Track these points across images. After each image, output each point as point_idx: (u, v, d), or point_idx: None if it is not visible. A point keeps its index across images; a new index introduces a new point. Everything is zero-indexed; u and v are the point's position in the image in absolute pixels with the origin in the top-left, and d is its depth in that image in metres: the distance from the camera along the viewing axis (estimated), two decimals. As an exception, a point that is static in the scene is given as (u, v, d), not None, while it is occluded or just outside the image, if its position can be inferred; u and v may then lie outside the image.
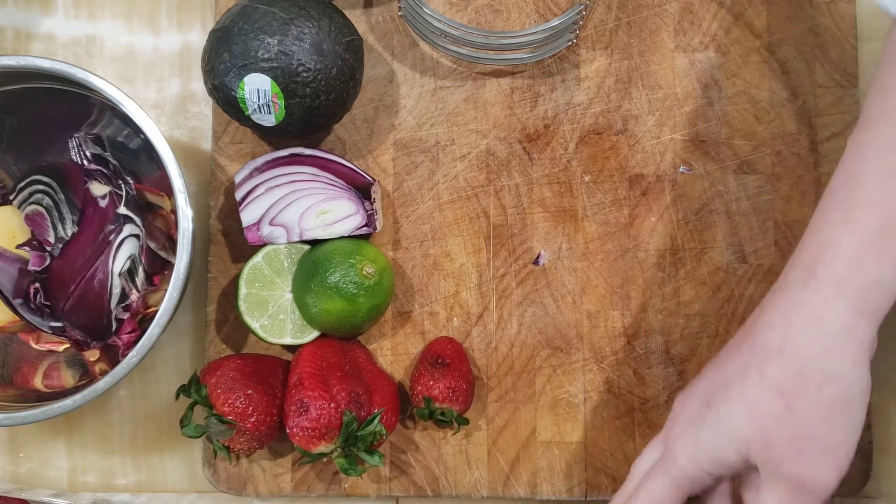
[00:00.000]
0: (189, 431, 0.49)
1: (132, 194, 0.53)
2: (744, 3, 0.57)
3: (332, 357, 0.52)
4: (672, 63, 0.57)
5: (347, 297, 0.51)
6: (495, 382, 0.55)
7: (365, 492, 0.55)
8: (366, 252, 0.52)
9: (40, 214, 0.54)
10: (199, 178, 0.59)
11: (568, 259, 0.56)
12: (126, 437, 0.58)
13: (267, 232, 0.54)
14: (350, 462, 0.49)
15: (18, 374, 0.54)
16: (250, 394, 0.49)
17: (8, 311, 0.53)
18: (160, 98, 0.60)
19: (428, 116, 0.57)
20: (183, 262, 0.48)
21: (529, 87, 0.57)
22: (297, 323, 0.54)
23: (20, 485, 0.58)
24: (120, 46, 0.60)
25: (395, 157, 0.57)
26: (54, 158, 0.55)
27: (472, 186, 0.56)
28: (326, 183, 0.54)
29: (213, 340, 0.56)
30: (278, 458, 0.55)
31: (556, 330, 0.55)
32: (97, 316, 0.52)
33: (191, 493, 0.58)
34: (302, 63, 0.48)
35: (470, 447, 0.55)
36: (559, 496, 0.54)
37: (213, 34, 0.50)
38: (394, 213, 0.56)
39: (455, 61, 0.57)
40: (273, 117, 0.50)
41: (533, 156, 0.56)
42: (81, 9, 0.60)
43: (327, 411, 0.48)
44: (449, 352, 0.53)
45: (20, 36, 0.60)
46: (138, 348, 0.48)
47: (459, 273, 0.56)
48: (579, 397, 0.55)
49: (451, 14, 0.57)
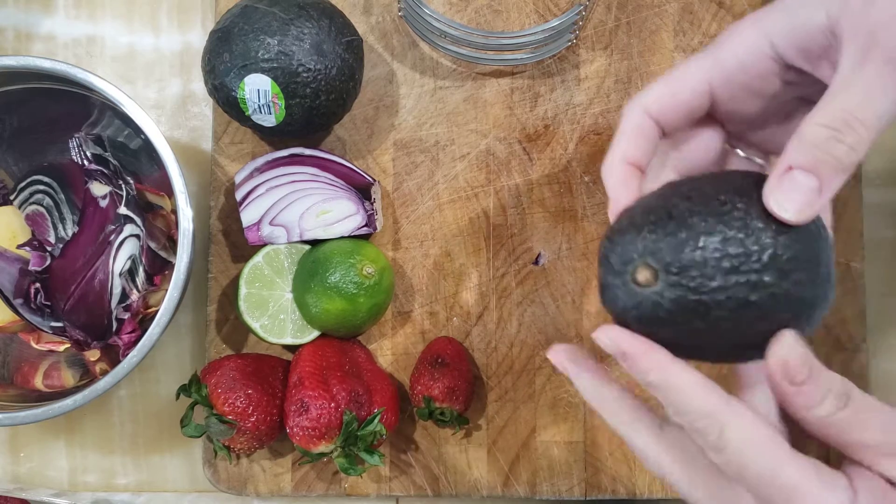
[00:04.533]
0: (189, 431, 0.49)
1: (132, 194, 0.53)
2: (743, 3, 0.57)
3: (333, 357, 0.52)
4: (672, 63, 0.57)
5: (347, 297, 0.51)
6: (495, 382, 0.55)
7: (365, 491, 0.55)
8: (366, 252, 0.52)
9: (41, 214, 0.54)
10: (199, 179, 0.59)
11: (568, 259, 0.56)
12: (126, 437, 0.58)
13: (267, 232, 0.54)
14: (350, 462, 0.49)
15: (19, 373, 0.54)
16: (250, 393, 0.49)
17: (8, 311, 0.53)
18: (160, 98, 0.60)
19: (428, 116, 0.57)
20: (183, 262, 0.48)
21: (529, 88, 0.57)
22: (297, 323, 0.54)
23: (21, 484, 0.58)
24: (120, 47, 0.60)
25: (395, 157, 0.57)
26: (55, 158, 0.55)
27: (472, 186, 0.56)
28: (326, 183, 0.54)
29: (214, 340, 0.56)
30: (278, 457, 0.55)
31: (556, 330, 0.55)
32: (98, 316, 0.52)
33: (191, 493, 0.58)
34: (302, 63, 0.49)
35: (470, 447, 0.55)
36: (559, 496, 0.54)
37: (213, 34, 0.50)
38: (394, 213, 0.56)
39: (455, 61, 0.57)
40: (273, 117, 0.50)
41: (533, 156, 0.57)
42: (82, 9, 0.60)
43: (327, 411, 0.48)
44: (449, 352, 0.53)
45: (20, 36, 0.60)
46: (139, 348, 0.48)
47: (459, 273, 0.56)
48: (579, 397, 0.55)
49: (450, 14, 0.57)
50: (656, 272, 0.30)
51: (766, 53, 0.34)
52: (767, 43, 0.34)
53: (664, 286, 0.30)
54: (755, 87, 0.35)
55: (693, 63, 0.36)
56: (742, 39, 0.35)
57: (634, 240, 0.31)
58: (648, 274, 0.30)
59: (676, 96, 0.35)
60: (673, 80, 0.36)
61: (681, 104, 0.35)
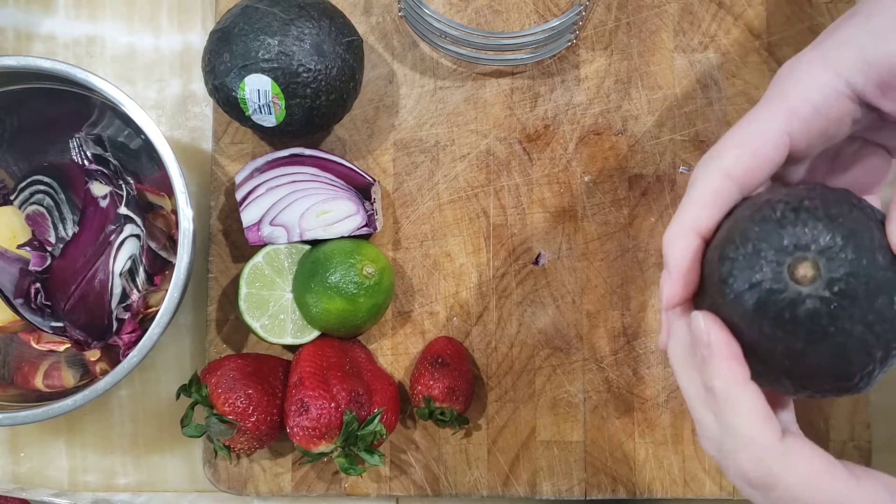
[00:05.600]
0: (189, 431, 0.49)
1: (133, 194, 0.53)
2: (743, 3, 0.57)
3: (333, 357, 0.52)
4: (671, 63, 0.57)
5: (347, 296, 0.51)
6: (495, 382, 0.55)
7: (365, 491, 0.55)
8: (366, 252, 0.52)
9: (41, 214, 0.54)
10: (199, 179, 0.59)
11: (568, 259, 0.56)
12: (126, 437, 0.58)
13: (267, 232, 0.54)
14: (350, 461, 0.49)
15: (19, 373, 0.54)
16: (251, 393, 0.49)
17: (9, 311, 0.53)
18: (161, 98, 0.60)
19: (428, 117, 0.57)
20: (183, 262, 0.48)
21: (529, 88, 0.57)
22: (297, 323, 0.54)
23: (21, 484, 0.58)
24: (120, 47, 0.60)
25: (395, 158, 0.57)
26: (55, 159, 0.55)
27: (472, 186, 0.57)
28: (327, 183, 0.54)
29: (214, 340, 0.56)
30: (278, 457, 0.55)
31: (555, 330, 0.55)
32: (98, 316, 0.53)
33: (191, 493, 0.58)
34: (302, 64, 0.49)
35: (470, 447, 0.55)
36: (559, 496, 0.54)
37: (213, 35, 0.50)
38: (394, 214, 0.57)
39: (455, 62, 0.57)
40: (273, 118, 0.50)
41: (533, 156, 0.57)
42: (82, 9, 0.60)
43: (327, 411, 0.48)
44: (449, 351, 0.53)
45: (21, 36, 0.60)
46: (139, 348, 0.48)
47: (459, 273, 0.56)
48: (579, 397, 0.55)
49: (450, 15, 0.57)
50: (819, 271, 0.29)
51: (843, 93, 0.32)
52: (843, 82, 0.32)
53: (821, 286, 0.28)
54: (831, 131, 0.33)
55: (764, 115, 0.33)
56: (813, 81, 0.32)
57: (779, 239, 0.29)
58: (811, 270, 0.29)
59: (759, 156, 0.32)
60: (750, 138, 0.33)
61: (765, 163, 0.32)
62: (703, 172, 0.33)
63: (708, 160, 0.33)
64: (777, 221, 0.30)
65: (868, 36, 0.32)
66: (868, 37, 0.32)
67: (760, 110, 0.33)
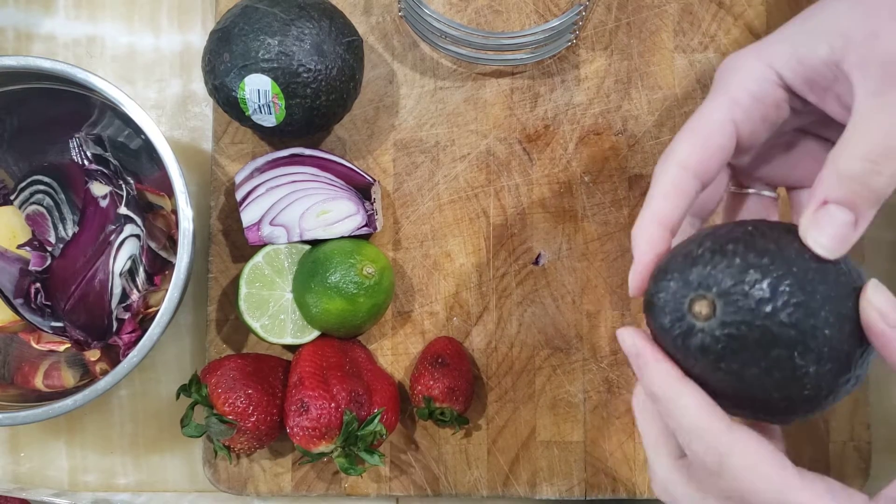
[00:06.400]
0: (189, 431, 0.49)
1: (133, 194, 0.53)
2: (743, 3, 0.57)
3: (333, 357, 0.52)
4: (672, 63, 0.57)
5: (347, 296, 0.51)
6: (495, 382, 0.55)
7: (365, 491, 0.55)
8: (366, 252, 0.52)
9: (41, 214, 0.54)
10: (199, 178, 0.59)
11: (568, 259, 0.56)
12: (126, 437, 0.58)
13: (267, 232, 0.54)
14: (350, 461, 0.49)
15: (19, 373, 0.54)
16: (250, 393, 0.49)
17: (9, 311, 0.53)
18: (161, 98, 0.60)
19: (428, 117, 0.57)
20: (183, 262, 0.48)
21: (529, 88, 0.57)
22: (297, 323, 0.54)
23: (21, 484, 0.58)
24: (120, 47, 0.60)
25: (395, 158, 0.57)
26: (55, 158, 0.55)
27: (472, 187, 0.57)
28: (327, 183, 0.54)
29: (214, 340, 0.56)
30: (278, 457, 0.55)
31: (555, 330, 0.55)
32: (98, 316, 0.53)
33: (191, 493, 0.58)
34: (302, 64, 0.49)
35: (470, 447, 0.55)
36: (559, 496, 0.54)
37: (213, 35, 0.50)
38: (394, 214, 0.57)
39: (455, 62, 0.57)
40: (273, 118, 0.50)
41: (533, 156, 0.57)
42: (82, 9, 0.60)
43: (327, 411, 0.48)
44: (449, 351, 0.53)
45: (21, 36, 0.60)
46: (139, 348, 0.48)
47: (459, 273, 0.56)
48: (579, 397, 0.55)
49: (450, 15, 0.57)
50: (714, 305, 0.30)
51: (774, 82, 0.34)
52: (773, 73, 0.34)
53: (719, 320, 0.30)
54: (771, 117, 0.35)
55: (708, 107, 0.35)
56: (748, 72, 0.34)
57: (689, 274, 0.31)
58: (706, 307, 0.31)
59: (710, 145, 0.34)
60: (700, 130, 0.34)
61: (717, 151, 0.34)
62: (661, 167, 0.35)
63: (665, 156, 0.35)
64: (694, 259, 0.32)
65: (803, 36, 0.33)
66: (803, 36, 0.33)
67: (706, 104, 0.35)
